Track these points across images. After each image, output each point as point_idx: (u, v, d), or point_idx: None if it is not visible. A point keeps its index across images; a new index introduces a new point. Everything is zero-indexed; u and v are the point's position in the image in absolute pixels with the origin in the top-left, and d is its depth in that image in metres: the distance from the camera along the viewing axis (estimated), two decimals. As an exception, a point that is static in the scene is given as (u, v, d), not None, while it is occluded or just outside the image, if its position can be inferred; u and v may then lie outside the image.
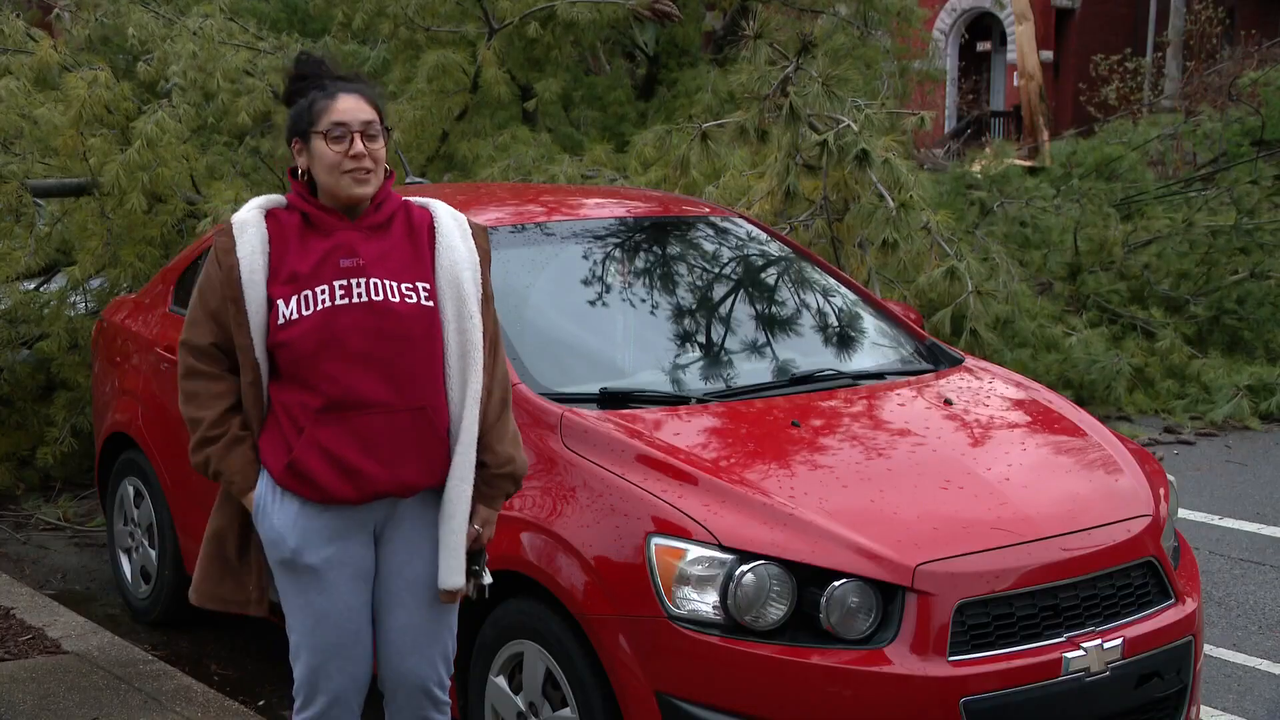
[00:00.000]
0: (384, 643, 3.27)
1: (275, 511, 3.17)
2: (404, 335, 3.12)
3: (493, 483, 3.24)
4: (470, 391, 3.16)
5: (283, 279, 3.12)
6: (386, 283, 3.13)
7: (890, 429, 4.16)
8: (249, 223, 3.17)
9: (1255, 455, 8.62)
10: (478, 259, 3.23)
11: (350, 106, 3.15)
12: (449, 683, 3.36)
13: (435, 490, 3.20)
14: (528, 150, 8.61)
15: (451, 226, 3.24)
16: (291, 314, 3.10)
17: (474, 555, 3.25)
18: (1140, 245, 11.06)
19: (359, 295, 3.11)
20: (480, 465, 3.21)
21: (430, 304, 3.15)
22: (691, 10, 10.97)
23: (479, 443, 3.20)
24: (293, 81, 3.24)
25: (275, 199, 3.25)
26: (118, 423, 5.68)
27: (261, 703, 4.91)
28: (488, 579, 3.29)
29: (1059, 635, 3.62)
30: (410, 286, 3.14)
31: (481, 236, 3.29)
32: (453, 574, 3.19)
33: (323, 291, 3.10)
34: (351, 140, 3.12)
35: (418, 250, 3.19)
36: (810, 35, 8.21)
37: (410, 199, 3.31)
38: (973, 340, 7.30)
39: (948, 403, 4.34)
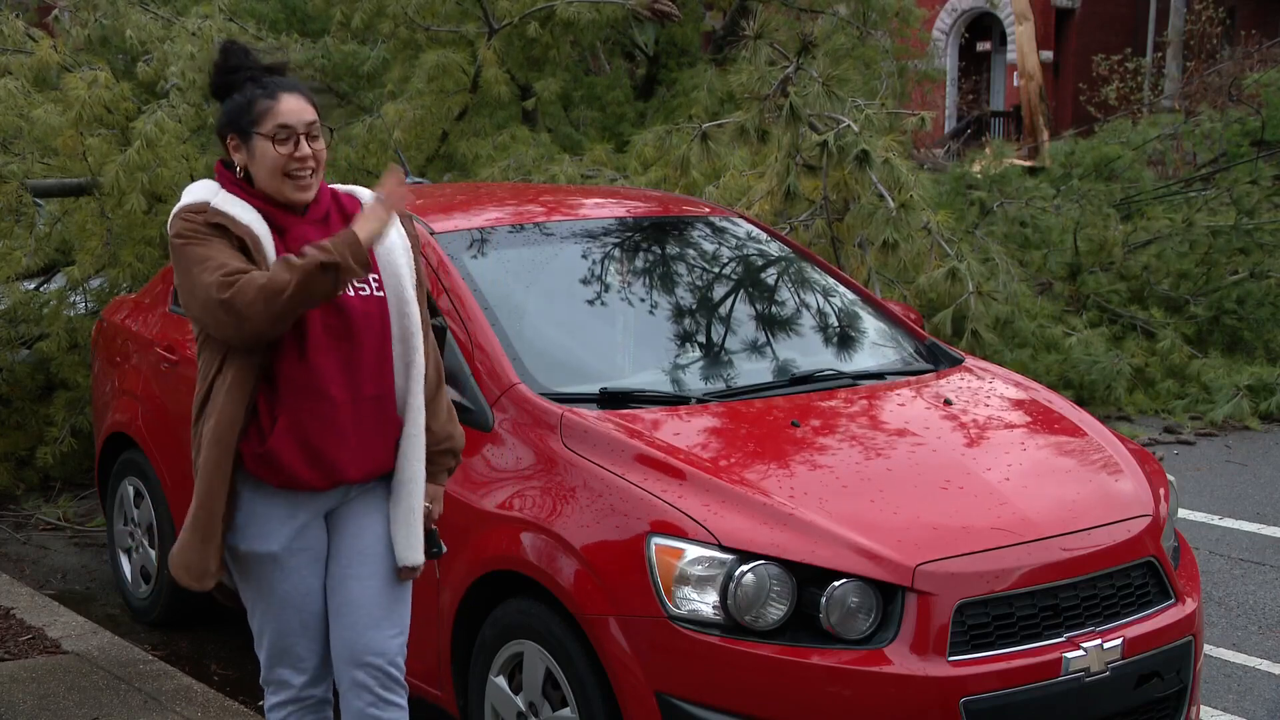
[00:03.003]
0: (339, 619, 3.30)
1: (242, 496, 3.21)
2: (361, 328, 3.19)
3: (435, 459, 3.35)
4: (414, 375, 3.26)
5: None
6: None
7: (890, 429, 4.16)
8: (234, 202, 3.15)
9: (1255, 455, 8.62)
10: (409, 244, 3.31)
11: (294, 108, 3.15)
12: (403, 664, 3.36)
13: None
14: (527, 150, 8.60)
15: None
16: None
17: (430, 533, 3.37)
18: (1140, 245, 11.06)
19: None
20: None
21: (381, 294, 3.24)
22: (691, 10, 10.97)
23: None
24: (223, 74, 3.20)
25: (213, 184, 3.21)
26: (118, 423, 5.68)
27: (261, 703, 4.90)
28: (443, 548, 3.43)
29: (1059, 635, 3.62)
30: (361, 279, 3.18)
31: (409, 223, 3.36)
32: (412, 551, 3.30)
33: None
34: (297, 143, 3.14)
35: None
36: (810, 35, 8.22)
37: (335, 187, 3.36)
38: (973, 340, 7.30)
39: (948, 403, 4.34)
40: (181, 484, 5.30)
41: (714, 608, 3.48)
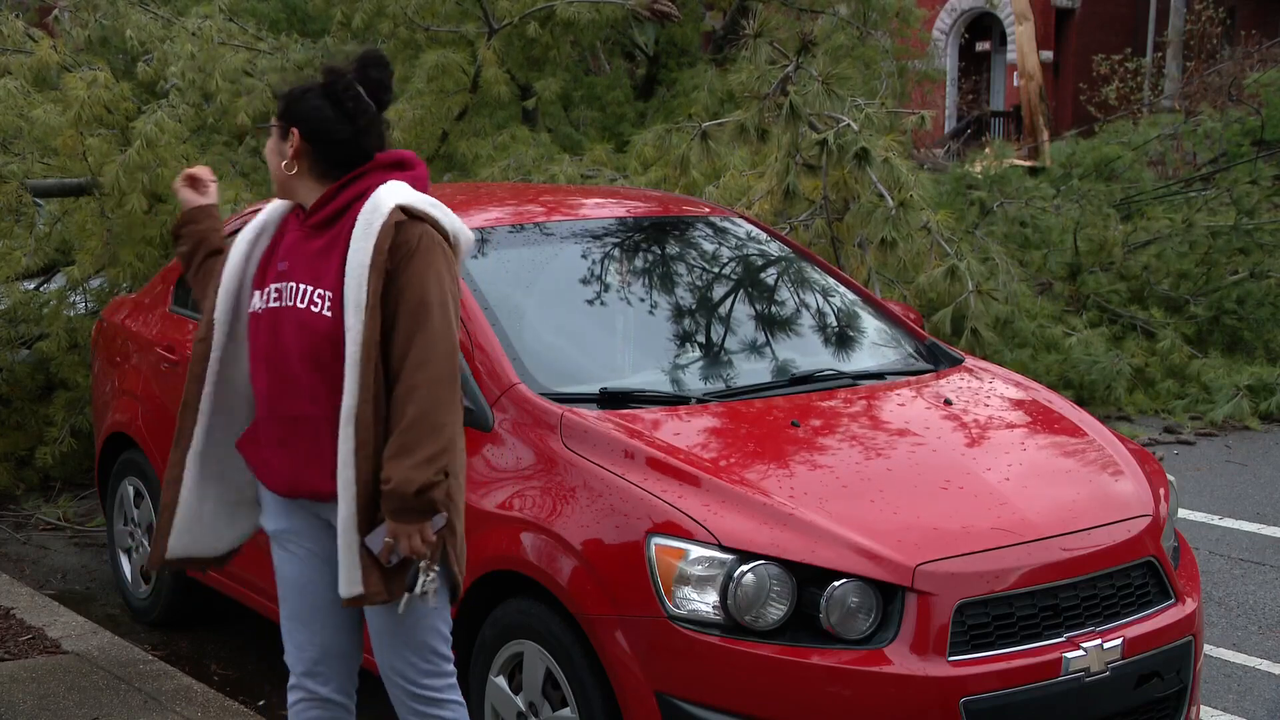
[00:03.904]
0: (370, 638, 3.35)
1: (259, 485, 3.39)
2: (295, 345, 3.15)
3: (383, 497, 3.05)
4: (346, 405, 3.06)
5: (260, 272, 3.29)
6: (303, 288, 3.18)
7: (890, 429, 4.16)
8: (271, 209, 3.35)
9: (1255, 455, 8.61)
10: (369, 260, 3.05)
11: None
12: (443, 679, 3.31)
13: None
14: (527, 150, 8.60)
15: (361, 227, 3.11)
16: (256, 307, 3.26)
17: (409, 567, 3.12)
18: (1140, 245, 11.06)
19: (286, 300, 3.20)
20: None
21: (329, 314, 3.12)
22: (691, 10, 10.98)
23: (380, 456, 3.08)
24: None
25: None
26: (118, 423, 5.68)
27: (261, 703, 4.91)
28: (419, 589, 3.11)
29: (1059, 635, 3.62)
30: (320, 294, 3.14)
31: (389, 234, 3.08)
32: (343, 582, 3.13)
33: (266, 293, 3.24)
34: None
35: (340, 252, 3.14)
36: (810, 35, 8.22)
37: (383, 185, 3.18)
38: (973, 340, 7.29)
39: (948, 403, 4.34)
40: (181, 484, 5.30)
41: (714, 608, 3.48)
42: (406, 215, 3.11)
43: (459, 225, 3.21)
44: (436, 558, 3.13)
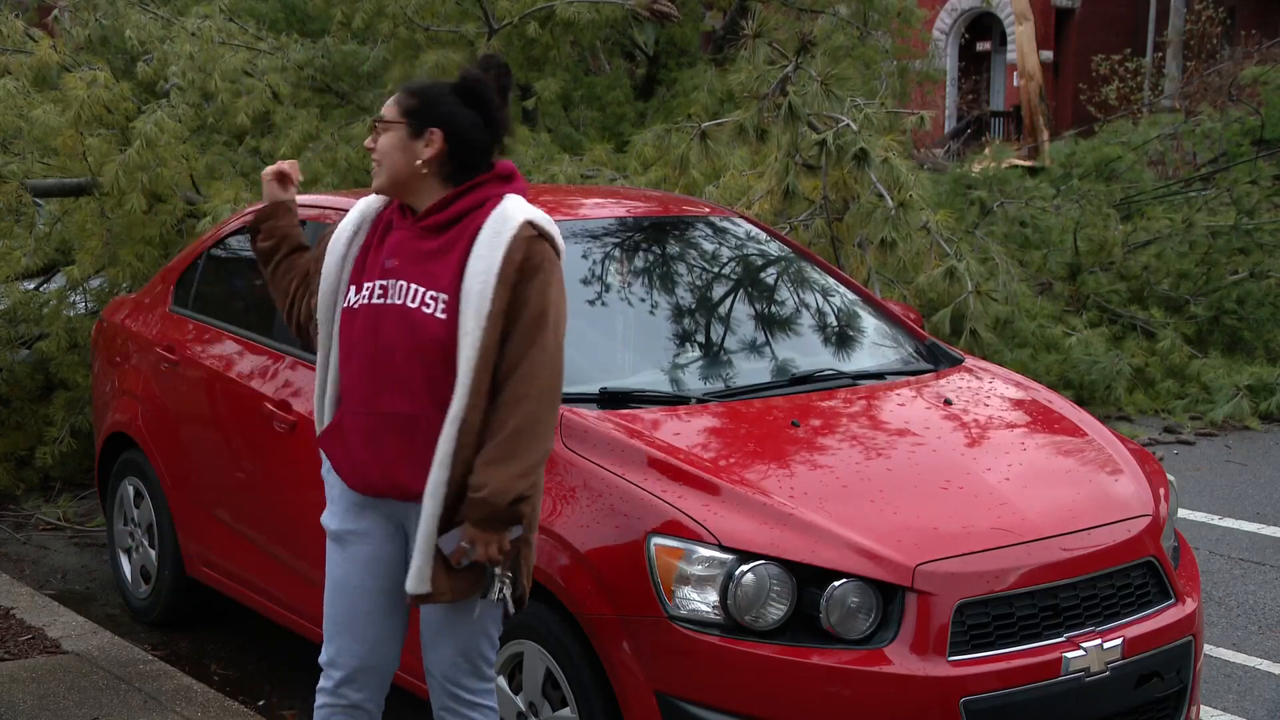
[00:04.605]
0: (421, 632, 3.35)
1: (328, 473, 3.35)
2: (406, 344, 3.16)
3: (467, 504, 3.09)
4: (453, 410, 3.09)
5: (357, 267, 3.28)
6: (415, 288, 3.18)
7: (890, 429, 4.16)
8: (367, 204, 3.37)
9: (1255, 455, 8.62)
10: (497, 270, 3.10)
11: (385, 107, 3.31)
12: (484, 682, 3.33)
13: None
14: (527, 150, 8.61)
15: (488, 235, 3.15)
16: (352, 302, 3.24)
17: (487, 573, 3.15)
18: (1140, 245, 11.06)
19: (393, 298, 3.18)
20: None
21: (443, 317, 3.13)
22: (690, 10, 10.98)
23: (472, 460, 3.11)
24: None
25: None
26: (118, 423, 5.68)
27: (261, 703, 4.91)
28: (494, 594, 3.17)
29: (1059, 635, 3.62)
30: (433, 296, 3.16)
31: (520, 247, 3.13)
32: (412, 579, 3.15)
33: (369, 288, 3.21)
34: (374, 137, 3.28)
35: (458, 257, 3.17)
36: (810, 35, 8.21)
37: (507, 197, 3.22)
38: (973, 340, 7.29)
39: (947, 403, 4.34)
40: (181, 484, 5.30)
41: (714, 608, 3.48)
42: (535, 231, 3.17)
43: (562, 243, 3.29)
44: (508, 566, 3.16)
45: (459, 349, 3.10)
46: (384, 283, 3.20)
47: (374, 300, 3.20)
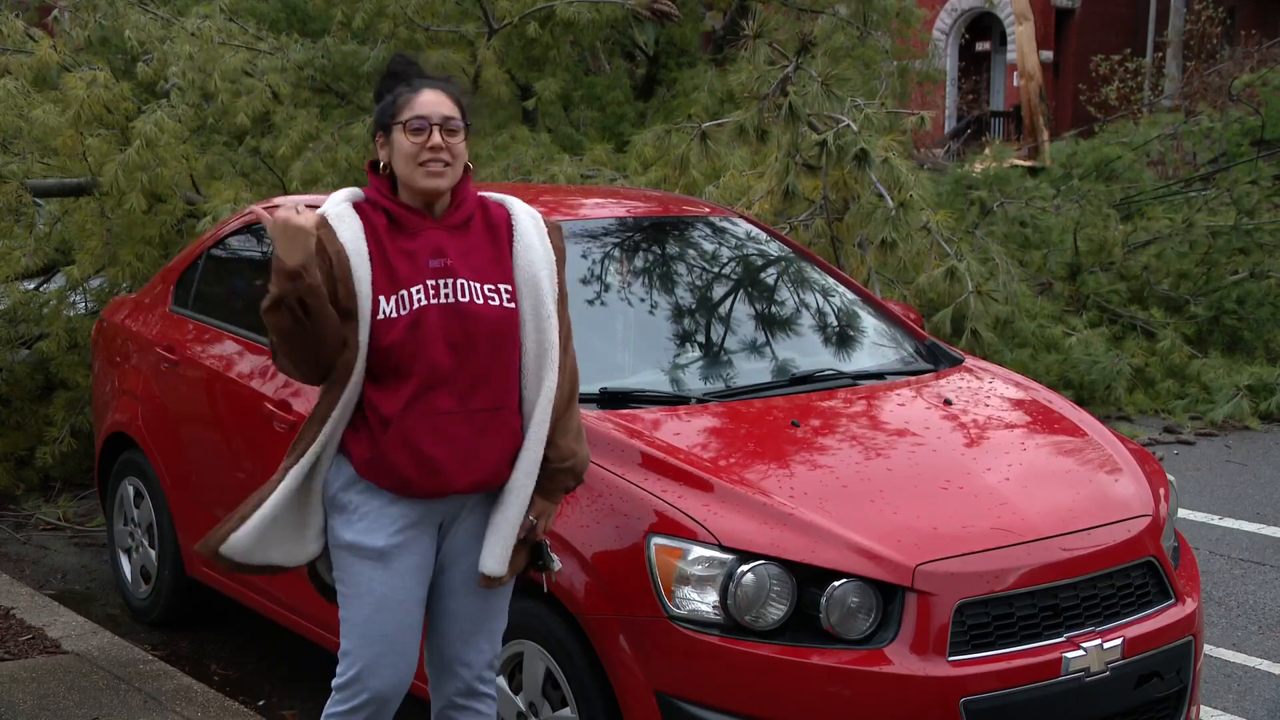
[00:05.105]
0: (435, 628, 3.35)
1: (352, 495, 3.22)
2: (486, 337, 3.18)
3: (554, 477, 3.28)
4: (545, 389, 3.23)
5: (382, 276, 3.17)
6: (471, 284, 3.19)
7: (890, 429, 4.16)
8: (343, 215, 3.22)
9: (1255, 455, 8.62)
10: (554, 257, 3.29)
11: (431, 100, 3.20)
12: (493, 670, 3.41)
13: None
14: (527, 150, 8.61)
15: (529, 225, 3.30)
16: (391, 312, 3.15)
17: (537, 546, 3.34)
18: (1140, 245, 11.06)
19: (446, 296, 3.17)
20: (543, 460, 3.26)
21: (511, 306, 3.22)
22: (691, 10, 10.98)
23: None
24: (383, 80, 3.31)
25: (354, 192, 3.31)
26: (118, 423, 5.68)
27: (261, 703, 4.91)
28: (557, 565, 3.38)
29: (1059, 635, 3.62)
30: (493, 288, 3.20)
31: (556, 235, 3.35)
32: (494, 561, 3.23)
33: (418, 291, 3.16)
34: (430, 133, 3.17)
35: (498, 250, 3.26)
36: (810, 35, 8.22)
37: (485, 194, 3.37)
38: (973, 340, 7.29)
39: (947, 403, 4.34)
40: (181, 484, 5.30)
41: (714, 608, 3.48)
42: (546, 222, 3.38)
43: None
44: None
45: (541, 332, 3.22)
46: (434, 282, 3.17)
47: (433, 301, 3.16)
